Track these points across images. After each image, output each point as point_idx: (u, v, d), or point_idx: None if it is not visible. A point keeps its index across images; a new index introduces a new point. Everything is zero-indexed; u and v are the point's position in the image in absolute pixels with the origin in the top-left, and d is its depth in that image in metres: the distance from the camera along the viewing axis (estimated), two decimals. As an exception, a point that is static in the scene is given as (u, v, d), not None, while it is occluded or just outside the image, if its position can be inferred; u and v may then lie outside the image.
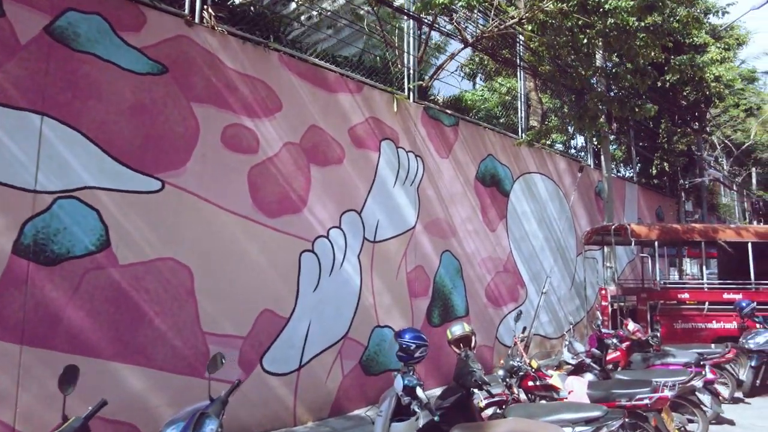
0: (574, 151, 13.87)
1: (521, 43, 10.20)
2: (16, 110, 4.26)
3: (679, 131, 17.30)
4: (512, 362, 4.88)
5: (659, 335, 7.28)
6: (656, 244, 9.86)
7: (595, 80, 10.93)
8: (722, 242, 9.56)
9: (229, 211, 5.58)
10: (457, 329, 4.47)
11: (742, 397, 7.24)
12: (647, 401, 4.51)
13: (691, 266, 18.03)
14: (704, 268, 10.45)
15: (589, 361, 5.75)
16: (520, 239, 10.19)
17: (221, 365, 3.25)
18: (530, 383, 4.97)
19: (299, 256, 6.20)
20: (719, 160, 25.44)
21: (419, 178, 8.04)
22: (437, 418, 3.38)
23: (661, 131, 16.72)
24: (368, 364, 6.85)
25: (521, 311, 8.03)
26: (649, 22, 9.05)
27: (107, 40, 4.81)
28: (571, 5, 8.41)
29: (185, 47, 5.38)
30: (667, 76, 13.74)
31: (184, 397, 4.77)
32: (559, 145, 13.36)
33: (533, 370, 4.85)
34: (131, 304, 4.78)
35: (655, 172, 16.93)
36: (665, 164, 16.68)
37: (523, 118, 11.12)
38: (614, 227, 9.73)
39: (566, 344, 5.98)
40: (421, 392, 3.42)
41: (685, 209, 17.43)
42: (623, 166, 18.03)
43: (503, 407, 4.30)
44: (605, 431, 3.80)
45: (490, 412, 4.38)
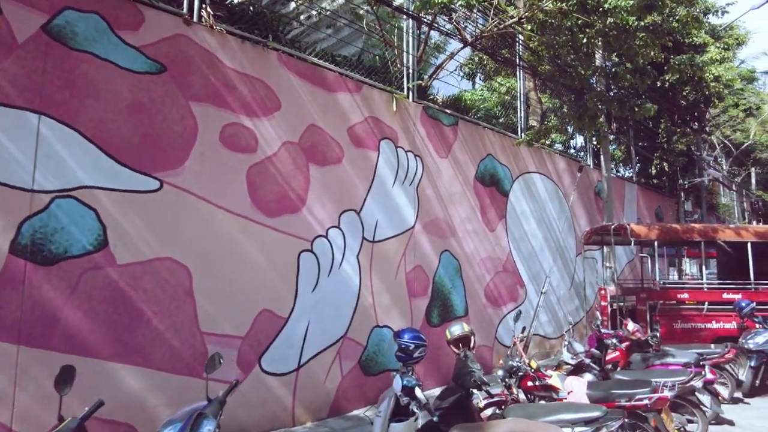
0: (573, 150, 13.87)
1: (520, 42, 10.18)
2: (13, 109, 4.24)
3: (678, 131, 17.31)
4: (511, 362, 4.87)
5: (659, 335, 7.26)
6: (656, 244, 9.85)
7: (594, 80, 10.92)
8: (722, 242, 9.56)
9: (227, 210, 5.56)
10: (456, 329, 4.47)
11: (741, 397, 7.23)
12: (647, 401, 4.51)
13: (690, 266, 18.03)
14: (704, 268, 10.44)
15: (588, 361, 5.74)
16: (519, 239, 10.18)
17: (219, 365, 3.23)
18: (529, 383, 4.96)
19: (298, 255, 6.19)
20: (718, 160, 25.47)
21: (418, 177, 8.03)
22: (436, 418, 3.38)
23: (660, 131, 16.72)
24: (367, 364, 6.84)
25: (520, 311, 8.03)
26: (648, 21, 9.04)
27: (105, 38, 4.79)
28: (570, 5, 8.40)
29: (184, 46, 5.36)
30: (666, 75, 13.73)
31: (182, 397, 4.75)
32: (558, 144, 13.36)
33: (532, 370, 4.84)
34: (129, 304, 4.76)
35: (654, 172, 16.93)
36: (665, 164, 16.68)
37: (522, 117, 11.11)
38: (614, 227, 9.73)
39: (565, 344, 5.96)
40: (419, 392, 3.41)
41: (684, 209, 17.44)
42: (623, 165, 18.04)
43: (502, 407, 4.31)
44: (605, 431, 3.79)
45: (489, 412, 4.39)
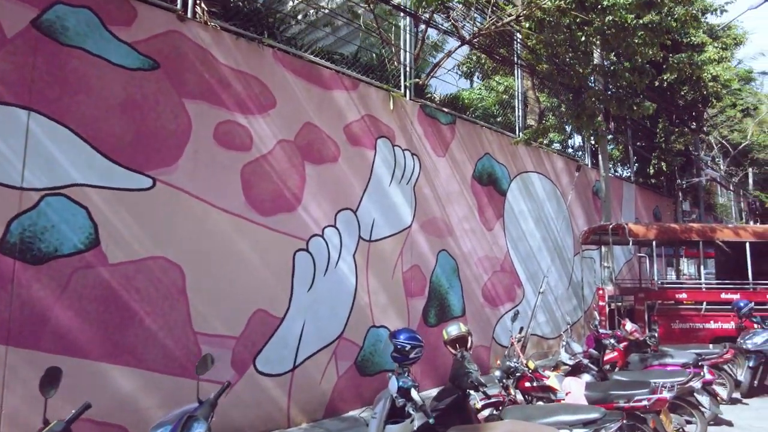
0: (571, 150, 13.86)
1: (518, 41, 10.13)
2: (1, 105, 4.17)
3: (676, 131, 17.31)
4: (509, 363, 4.83)
5: (657, 335, 7.23)
6: (654, 243, 9.82)
7: (592, 78, 10.89)
8: (720, 242, 9.53)
9: (221, 209, 5.49)
10: (453, 329, 4.41)
11: (740, 397, 7.20)
12: (646, 402, 4.46)
13: (688, 266, 18.04)
14: (702, 267, 10.42)
15: (586, 361, 5.69)
16: (517, 239, 10.13)
17: (211, 366, 3.17)
18: (527, 384, 4.92)
19: (293, 255, 6.12)
20: (716, 160, 25.52)
21: (415, 176, 7.97)
22: (432, 419, 3.33)
23: (658, 131, 16.73)
24: (363, 364, 6.77)
25: (518, 311, 7.92)
26: (647, 20, 9.00)
27: (97, 34, 4.72)
28: (568, 3, 8.36)
29: (177, 42, 5.29)
30: (665, 75, 13.72)
31: (174, 398, 4.69)
32: (556, 144, 13.34)
33: (530, 370, 4.80)
34: (121, 303, 4.69)
35: (652, 171, 16.92)
36: (663, 164, 16.67)
37: (520, 116, 11.07)
38: (612, 227, 9.70)
39: (563, 344, 5.92)
40: (415, 394, 3.35)
41: (682, 209, 17.44)
42: (621, 165, 18.03)
43: (500, 408, 4.27)
44: (603, 433, 3.75)
45: (486, 413, 4.34)
